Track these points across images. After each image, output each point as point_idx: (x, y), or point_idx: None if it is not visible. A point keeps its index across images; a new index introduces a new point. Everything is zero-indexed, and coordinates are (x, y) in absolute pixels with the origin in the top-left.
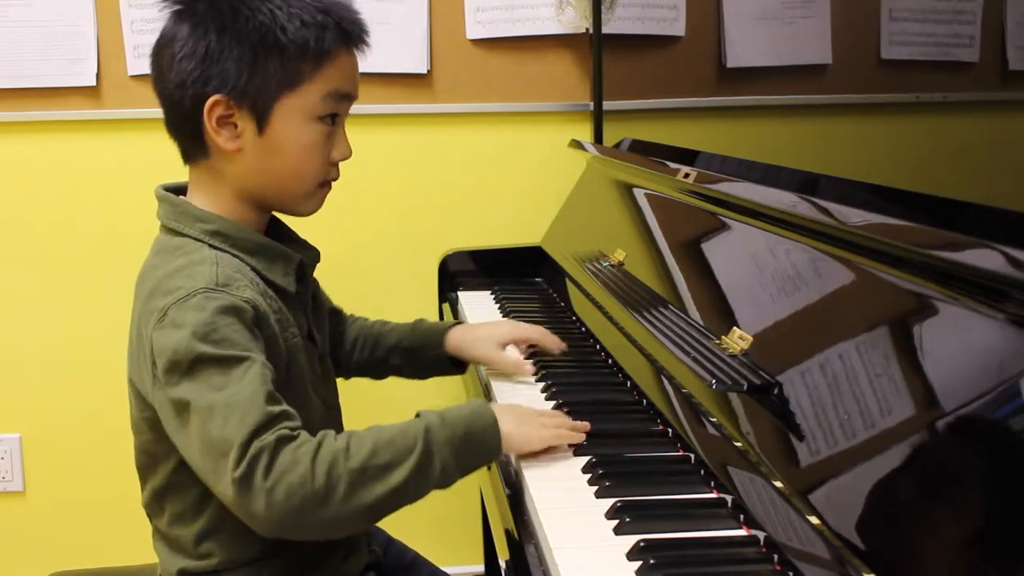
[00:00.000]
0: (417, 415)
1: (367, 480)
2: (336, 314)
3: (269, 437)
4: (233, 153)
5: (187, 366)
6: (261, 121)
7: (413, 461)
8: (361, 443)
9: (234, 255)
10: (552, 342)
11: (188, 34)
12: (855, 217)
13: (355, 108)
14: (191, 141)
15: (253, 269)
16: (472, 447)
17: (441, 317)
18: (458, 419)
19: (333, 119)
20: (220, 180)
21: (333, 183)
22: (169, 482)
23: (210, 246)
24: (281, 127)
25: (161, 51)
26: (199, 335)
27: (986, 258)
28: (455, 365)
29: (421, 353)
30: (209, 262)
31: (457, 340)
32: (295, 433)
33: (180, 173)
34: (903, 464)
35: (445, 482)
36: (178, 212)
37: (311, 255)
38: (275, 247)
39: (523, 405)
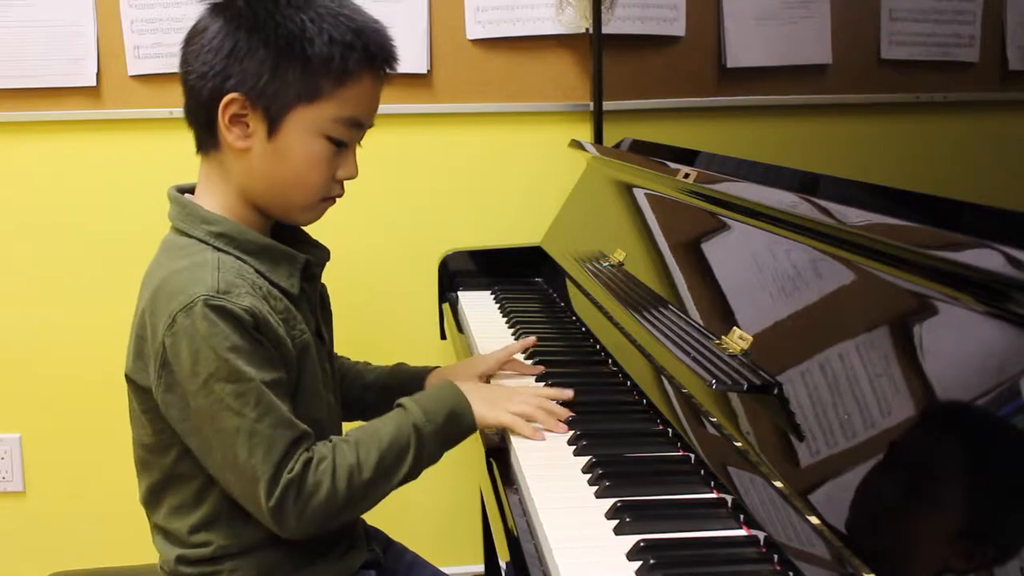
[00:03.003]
0: (398, 405)
1: (378, 484)
2: None
3: (296, 466)
4: (241, 151)
5: (204, 378)
6: (272, 126)
7: (410, 460)
8: (367, 452)
9: (237, 257)
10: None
11: (219, 29)
12: (855, 217)
13: None
14: (204, 131)
15: (257, 271)
16: (451, 432)
17: (441, 317)
18: (439, 410)
19: (342, 144)
20: (227, 176)
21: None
22: (169, 475)
23: (214, 248)
24: (291, 136)
25: (191, 40)
26: (211, 345)
27: (986, 258)
28: None
29: (400, 393)
30: (211, 266)
31: (438, 378)
32: (311, 453)
33: (181, 174)
34: (903, 464)
35: (432, 463)
36: (185, 213)
37: (319, 255)
38: (279, 249)
39: (492, 385)
